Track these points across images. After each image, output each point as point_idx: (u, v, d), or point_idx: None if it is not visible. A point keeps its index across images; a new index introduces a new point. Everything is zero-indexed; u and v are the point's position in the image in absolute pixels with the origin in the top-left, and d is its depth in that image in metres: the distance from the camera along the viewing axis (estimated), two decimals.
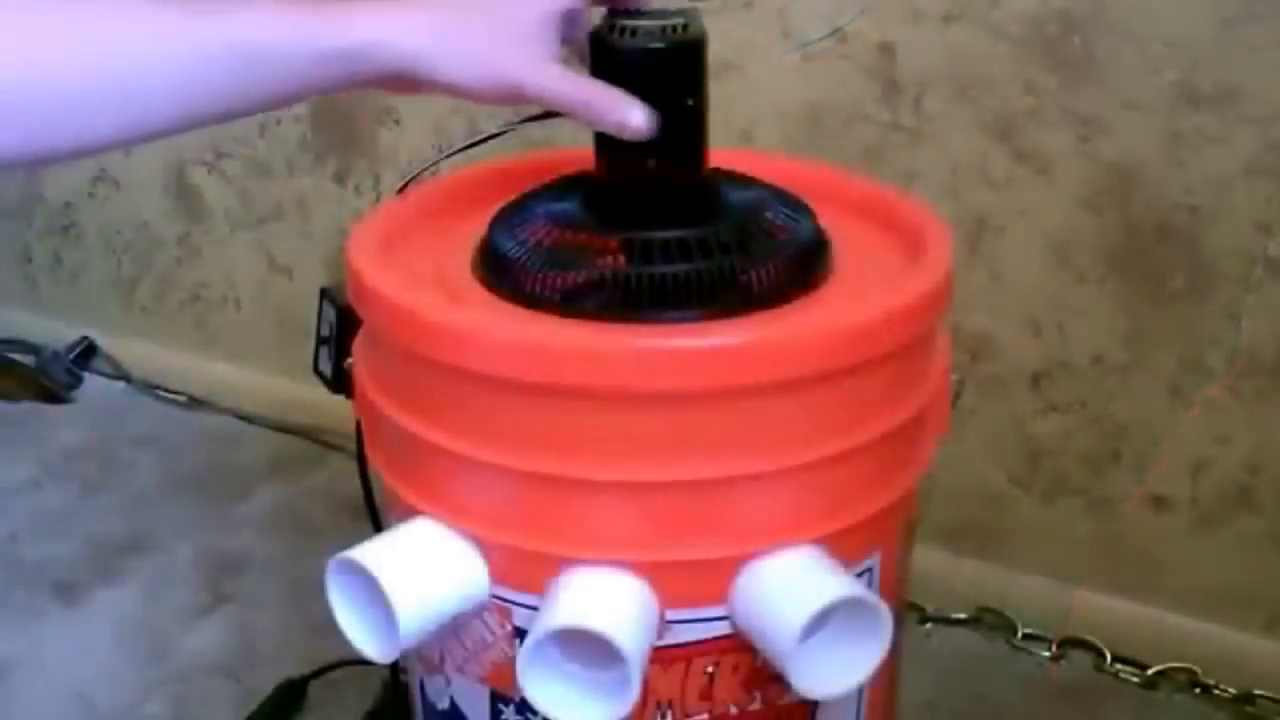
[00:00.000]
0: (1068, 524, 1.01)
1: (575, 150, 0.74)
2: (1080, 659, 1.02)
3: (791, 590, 0.58)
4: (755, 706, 0.62)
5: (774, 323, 0.60)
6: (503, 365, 0.57)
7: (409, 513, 0.62)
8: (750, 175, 0.67)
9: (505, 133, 0.74)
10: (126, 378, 1.47)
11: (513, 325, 0.59)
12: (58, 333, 1.48)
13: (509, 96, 0.57)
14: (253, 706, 0.99)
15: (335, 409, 0.75)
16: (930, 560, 0.94)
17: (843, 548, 0.60)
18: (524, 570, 0.60)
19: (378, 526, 0.72)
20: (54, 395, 1.45)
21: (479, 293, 0.64)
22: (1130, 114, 0.89)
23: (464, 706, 0.65)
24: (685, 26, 0.60)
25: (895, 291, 0.61)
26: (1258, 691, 0.96)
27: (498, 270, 0.61)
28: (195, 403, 1.41)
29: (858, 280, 0.65)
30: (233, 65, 0.53)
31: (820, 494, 0.60)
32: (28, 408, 1.45)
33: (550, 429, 0.57)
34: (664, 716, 0.61)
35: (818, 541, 0.60)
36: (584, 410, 0.57)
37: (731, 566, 0.59)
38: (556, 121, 1.10)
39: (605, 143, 0.61)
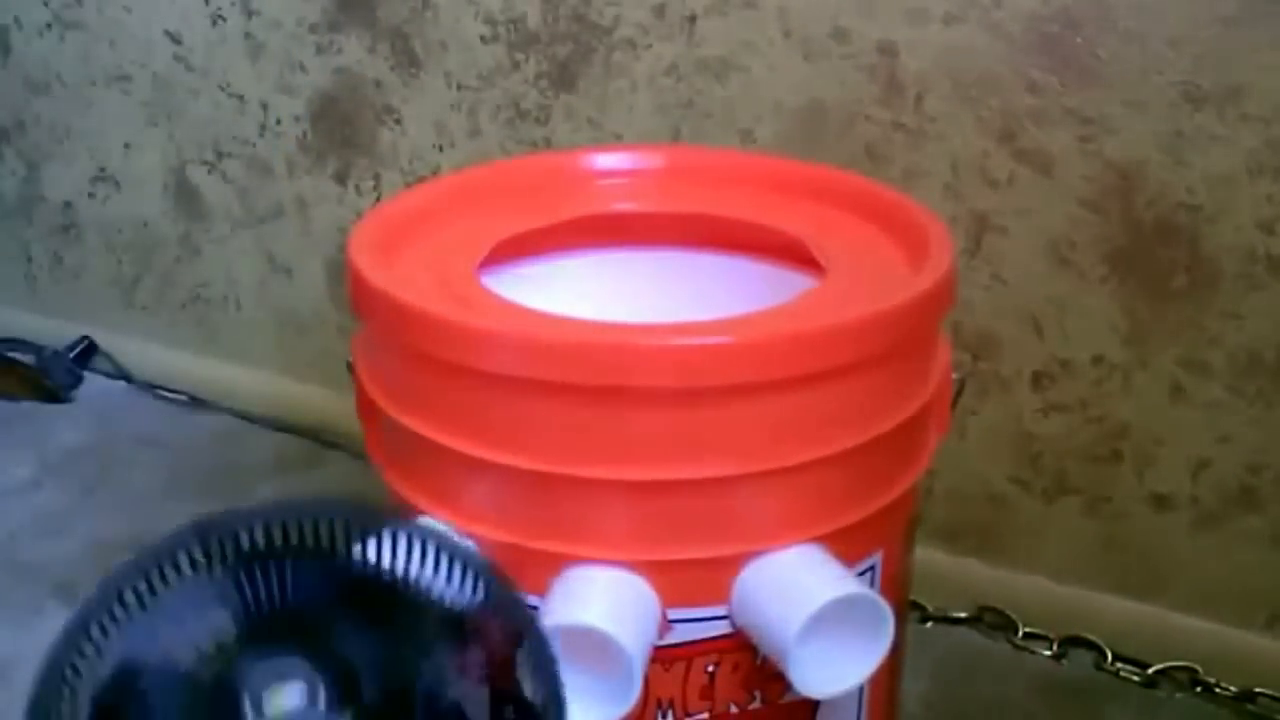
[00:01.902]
0: (1068, 523, 1.01)
1: (573, 150, 0.74)
2: (1081, 657, 1.02)
3: (792, 589, 0.58)
4: (756, 706, 0.62)
5: (774, 322, 0.60)
6: (504, 363, 0.57)
7: (410, 512, 0.62)
8: None
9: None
10: (126, 378, 1.47)
11: (514, 324, 0.59)
12: (58, 332, 1.48)
13: None
14: None
15: (337, 408, 0.75)
16: (930, 559, 0.94)
17: (844, 547, 0.60)
18: (524, 570, 0.60)
19: None
20: (54, 395, 1.45)
21: (480, 291, 0.64)
22: (1132, 113, 0.89)
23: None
24: None
25: (895, 291, 0.61)
26: (1259, 690, 0.96)
27: None
28: (196, 403, 1.41)
29: (858, 280, 0.65)
30: None
31: (821, 493, 0.60)
32: (28, 407, 1.44)
33: (551, 428, 0.57)
34: (664, 716, 0.61)
35: (819, 540, 0.60)
36: (585, 409, 0.57)
37: (732, 565, 0.59)
38: (556, 123, 1.11)
39: None
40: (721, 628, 0.60)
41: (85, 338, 1.48)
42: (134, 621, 0.47)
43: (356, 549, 0.49)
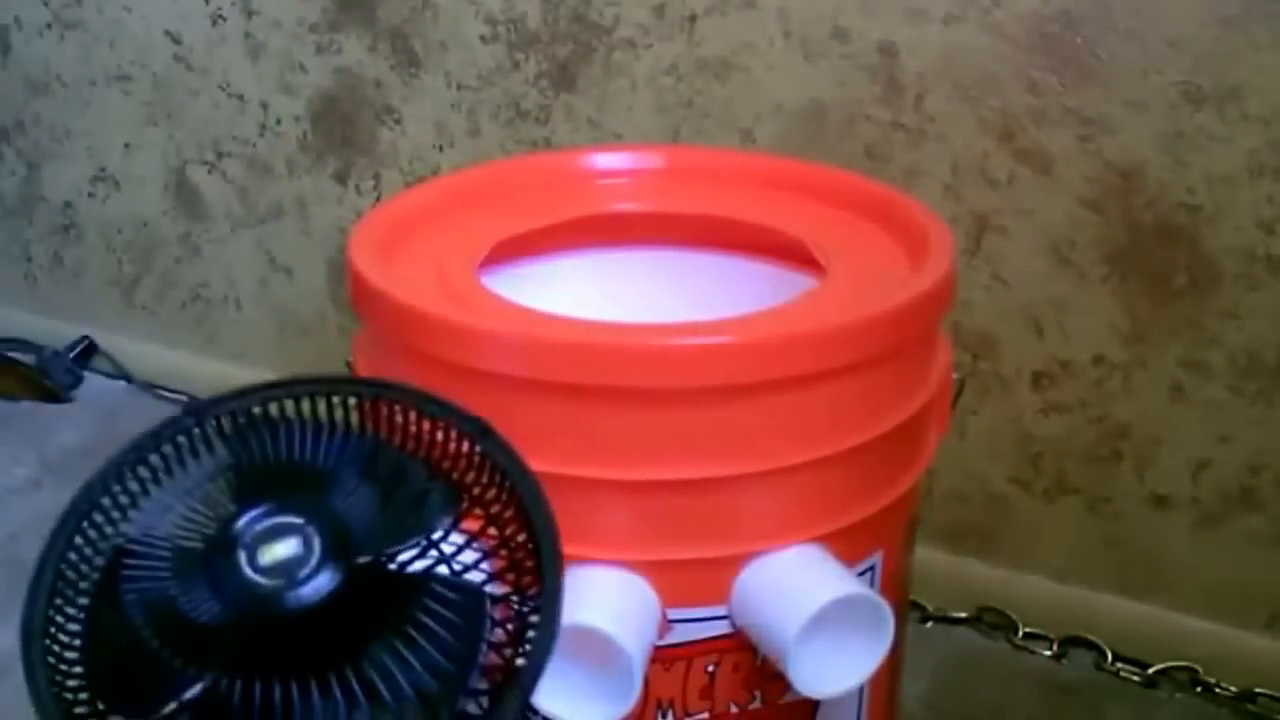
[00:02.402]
0: (1068, 523, 1.01)
1: (572, 150, 0.74)
2: (1081, 658, 1.02)
3: (792, 589, 0.58)
4: (756, 706, 0.62)
5: (774, 322, 0.60)
6: (504, 363, 0.57)
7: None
8: None
9: None
10: (126, 377, 1.47)
11: (514, 324, 0.59)
12: (58, 332, 1.48)
13: None
14: None
15: None
16: (931, 559, 0.94)
17: (844, 547, 0.60)
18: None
19: None
20: (54, 395, 1.45)
21: (480, 291, 0.64)
22: (1132, 113, 0.89)
23: None
24: None
25: (895, 291, 0.61)
26: (1259, 690, 0.96)
27: None
28: None
29: (858, 280, 0.65)
30: None
31: (821, 493, 0.60)
32: (28, 407, 1.44)
33: (551, 427, 0.57)
34: (664, 716, 0.61)
35: (819, 540, 0.60)
36: (585, 409, 0.57)
37: (732, 565, 0.59)
38: (556, 123, 1.11)
39: None
40: (721, 628, 0.60)
41: (85, 338, 1.48)
42: (135, 500, 0.50)
43: (354, 417, 0.51)
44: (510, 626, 0.49)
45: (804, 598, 0.56)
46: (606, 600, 0.57)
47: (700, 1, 1.01)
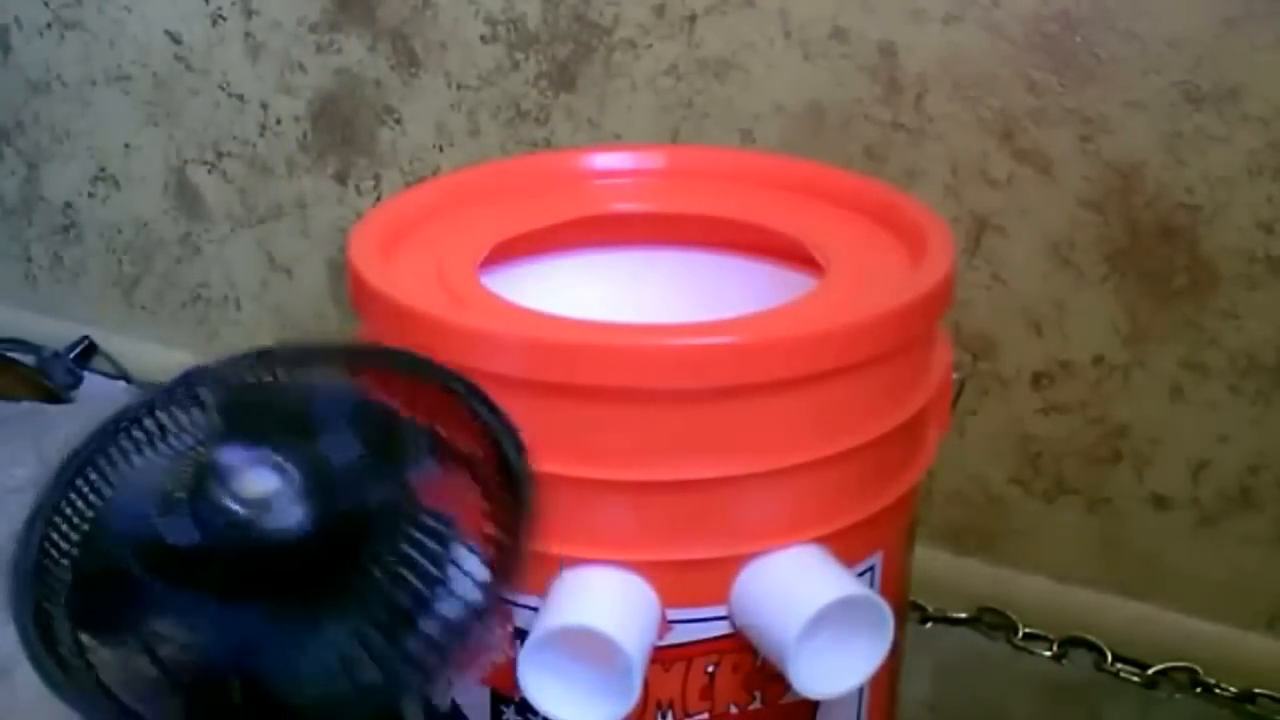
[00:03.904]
0: (1068, 523, 1.01)
1: (572, 150, 0.74)
2: (1081, 658, 1.02)
3: (792, 590, 0.58)
4: (756, 706, 0.62)
5: (774, 322, 0.60)
6: (504, 364, 0.57)
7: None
8: None
9: None
10: (126, 377, 1.47)
11: (514, 324, 0.59)
12: (58, 332, 1.48)
13: None
14: None
15: None
16: (930, 560, 0.94)
17: (844, 547, 0.60)
18: None
19: None
20: (54, 395, 1.45)
21: (480, 291, 0.64)
22: (1132, 113, 0.89)
23: (464, 706, 0.65)
24: None
25: (895, 291, 0.61)
26: (1259, 690, 0.96)
27: None
28: None
29: (858, 280, 0.65)
30: None
31: (821, 494, 0.60)
32: (28, 407, 1.44)
33: (551, 428, 0.57)
34: (664, 716, 0.61)
35: (819, 541, 0.60)
36: (584, 409, 0.57)
37: (732, 566, 0.59)
38: (556, 122, 1.11)
39: None
40: (721, 628, 0.60)
41: (85, 338, 1.48)
42: (127, 459, 0.52)
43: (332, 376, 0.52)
44: (488, 555, 0.50)
45: (804, 599, 0.56)
46: (606, 601, 0.57)
47: (700, 1, 1.01)
